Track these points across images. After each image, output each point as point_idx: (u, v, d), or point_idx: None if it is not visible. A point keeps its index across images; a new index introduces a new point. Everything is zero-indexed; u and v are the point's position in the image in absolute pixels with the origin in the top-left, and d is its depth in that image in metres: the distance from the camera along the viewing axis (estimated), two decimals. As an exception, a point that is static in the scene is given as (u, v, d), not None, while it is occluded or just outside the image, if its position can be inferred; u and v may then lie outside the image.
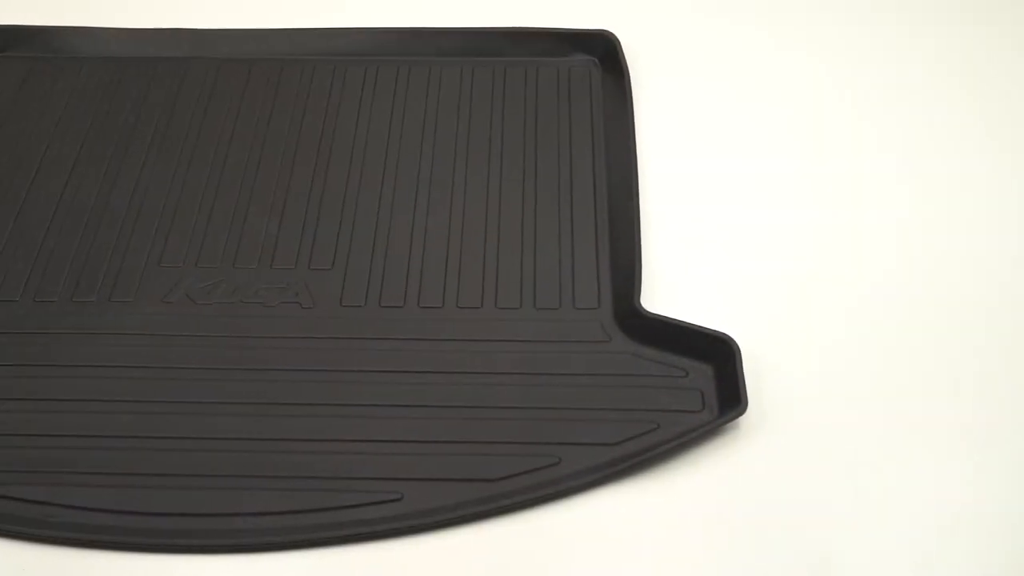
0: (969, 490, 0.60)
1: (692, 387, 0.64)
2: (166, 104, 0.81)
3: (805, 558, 0.57)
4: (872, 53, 0.87)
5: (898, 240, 0.73)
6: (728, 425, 0.62)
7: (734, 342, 0.64)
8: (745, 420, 0.62)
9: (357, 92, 0.82)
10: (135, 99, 0.81)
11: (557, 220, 0.73)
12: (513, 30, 0.85)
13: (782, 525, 0.59)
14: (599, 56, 0.84)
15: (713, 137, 0.79)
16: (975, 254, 0.72)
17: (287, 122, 0.80)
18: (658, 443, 0.61)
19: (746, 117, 0.81)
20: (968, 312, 0.68)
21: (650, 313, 0.66)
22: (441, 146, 0.78)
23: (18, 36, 0.85)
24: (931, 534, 0.58)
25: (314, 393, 0.64)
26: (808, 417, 0.63)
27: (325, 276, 0.70)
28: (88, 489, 0.60)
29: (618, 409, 0.63)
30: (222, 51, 0.85)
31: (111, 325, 0.67)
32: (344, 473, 0.60)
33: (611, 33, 0.83)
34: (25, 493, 0.59)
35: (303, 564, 0.58)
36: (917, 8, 0.90)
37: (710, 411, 0.63)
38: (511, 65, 0.84)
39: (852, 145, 0.79)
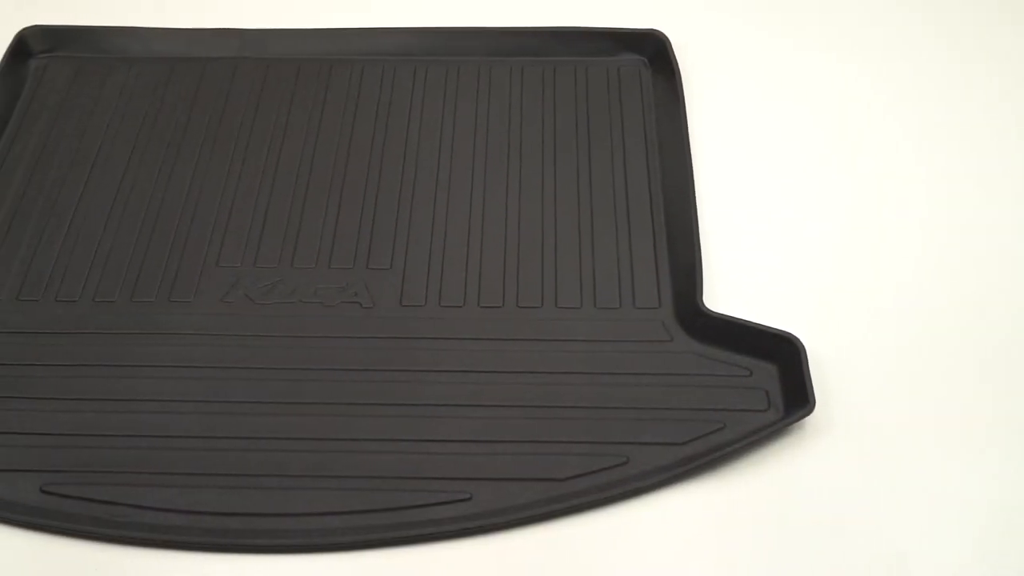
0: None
1: (756, 386, 0.64)
2: (216, 104, 0.81)
3: (882, 558, 0.57)
4: (933, 52, 0.86)
5: (963, 240, 0.72)
6: (793, 424, 0.62)
7: (799, 341, 0.64)
8: (810, 419, 0.62)
9: (407, 92, 0.82)
10: (185, 99, 0.81)
11: (613, 219, 0.73)
12: (561, 29, 0.85)
13: (855, 524, 0.59)
14: (648, 56, 0.84)
15: (766, 136, 0.79)
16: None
17: (338, 122, 0.79)
18: (726, 443, 0.61)
19: (799, 116, 0.81)
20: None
21: (714, 312, 0.66)
22: (493, 145, 0.78)
23: (66, 36, 0.85)
24: (1004, 532, 0.58)
25: (380, 393, 0.64)
26: (873, 415, 0.63)
27: (384, 276, 0.70)
28: (157, 489, 0.60)
29: (683, 408, 0.63)
30: (270, 51, 0.85)
31: (171, 325, 0.67)
32: (413, 473, 0.60)
33: (661, 32, 0.83)
34: (94, 493, 0.59)
35: (372, 564, 0.58)
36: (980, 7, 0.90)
37: (775, 410, 0.63)
38: (560, 65, 0.83)
39: (915, 144, 0.79)
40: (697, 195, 0.73)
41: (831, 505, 0.60)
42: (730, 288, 0.69)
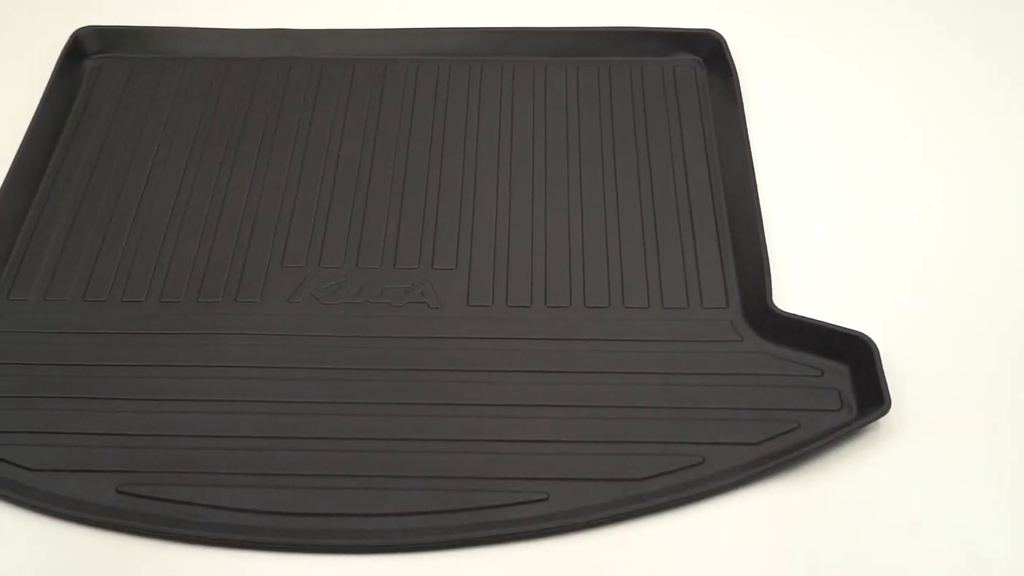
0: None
1: (828, 386, 0.64)
2: (272, 104, 0.81)
3: (960, 559, 0.57)
4: (996, 50, 0.86)
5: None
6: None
7: (871, 341, 0.63)
8: (884, 419, 0.62)
9: (463, 91, 0.81)
10: (241, 99, 0.81)
11: (676, 219, 0.73)
12: (616, 29, 0.84)
13: (932, 525, 0.59)
14: (703, 56, 0.83)
15: (825, 135, 0.79)
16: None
17: (396, 121, 0.79)
18: (801, 443, 0.61)
19: (857, 114, 0.81)
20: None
21: (785, 312, 0.66)
22: (552, 144, 0.78)
23: (120, 37, 0.85)
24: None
25: (452, 393, 0.63)
26: (947, 415, 0.63)
27: (449, 276, 0.70)
28: (233, 490, 0.60)
29: (756, 408, 0.63)
30: (324, 51, 0.85)
31: (239, 325, 0.67)
32: (489, 473, 0.60)
33: (717, 33, 0.83)
34: (171, 494, 0.60)
35: (450, 564, 0.58)
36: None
37: (848, 410, 0.63)
38: (615, 64, 0.83)
39: (983, 142, 0.79)
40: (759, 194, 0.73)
41: (908, 505, 0.60)
42: (797, 288, 0.69)
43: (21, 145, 0.76)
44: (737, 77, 0.80)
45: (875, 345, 0.63)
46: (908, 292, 0.69)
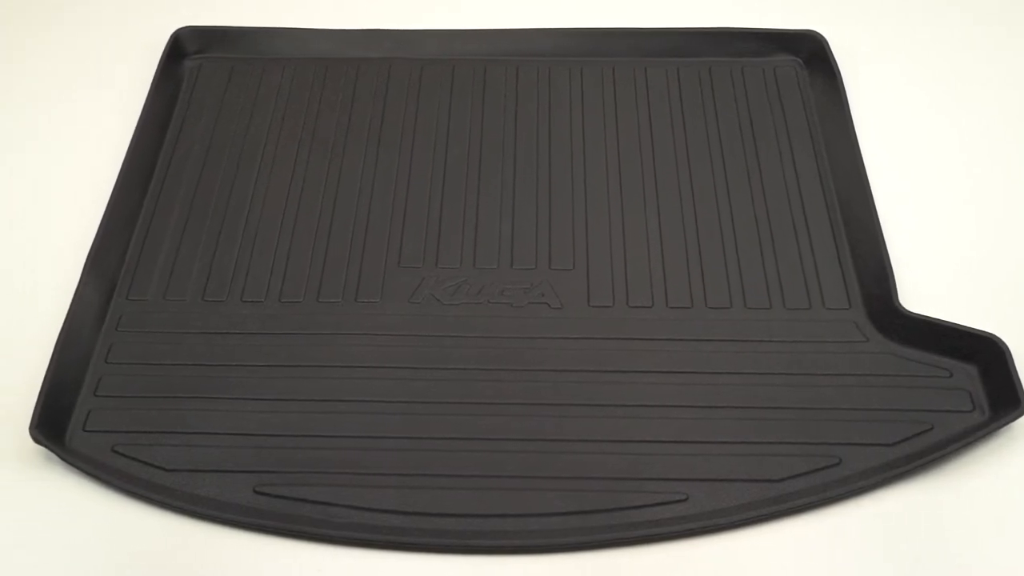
0: None
1: (958, 387, 0.64)
2: (375, 104, 0.81)
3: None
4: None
5: None
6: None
7: (1002, 342, 0.63)
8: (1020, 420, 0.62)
9: (565, 92, 0.81)
10: (343, 99, 0.81)
11: (791, 220, 0.73)
12: (716, 30, 0.84)
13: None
14: (804, 56, 0.83)
15: (934, 132, 0.79)
16: None
17: (500, 122, 0.79)
18: (937, 444, 0.61)
19: (966, 114, 0.80)
20: None
21: (913, 313, 0.66)
22: (659, 144, 0.78)
23: (218, 37, 0.85)
24: None
25: (583, 394, 0.63)
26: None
27: (568, 276, 0.70)
28: (370, 490, 0.60)
29: (888, 409, 0.63)
30: (423, 51, 0.85)
31: (362, 326, 0.67)
32: (626, 473, 0.60)
33: (819, 33, 0.83)
34: (309, 494, 0.60)
35: (592, 565, 0.58)
36: None
37: (980, 411, 0.63)
38: (715, 65, 0.83)
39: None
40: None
41: (1047, 506, 0.59)
42: (917, 287, 0.69)
43: (130, 145, 0.76)
44: (841, 78, 0.80)
45: (1006, 346, 0.63)
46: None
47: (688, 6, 0.89)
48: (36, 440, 0.60)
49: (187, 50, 0.84)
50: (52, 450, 0.60)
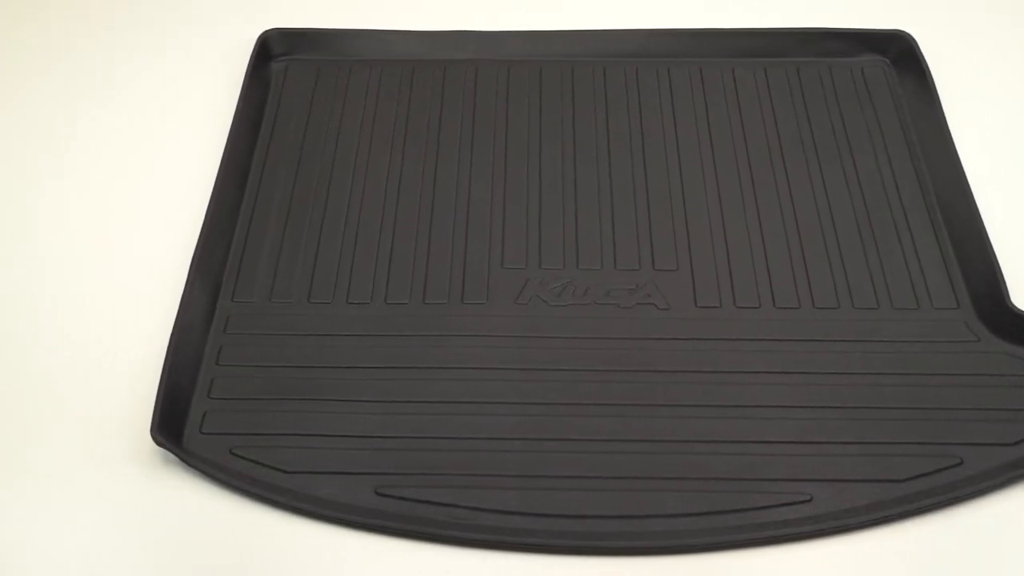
0: None
1: (1075, 387, 0.64)
2: (465, 105, 0.81)
3: None
4: None
5: None
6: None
7: (1119, 341, 0.63)
8: None
9: (654, 92, 0.81)
10: (433, 101, 0.81)
11: (891, 220, 0.72)
12: (803, 30, 0.84)
13: None
14: (891, 56, 0.83)
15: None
16: None
17: (591, 123, 0.79)
18: (1058, 443, 0.61)
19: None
20: None
21: (1025, 312, 0.66)
22: (753, 144, 0.77)
23: (304, 39, 0.85)
24: None
25: (697, 395, 0.63)
26: None
27: (673, 277, 0.70)
28: (493, 491, 0.60)
29: (1005, 409, 0.63)
30: (509, 52, 0.84)
31: (471, 327, 0.67)
32: (748, 474, 0.60)
33: (907, 33, 0.83)
34: (432, 496, 0.59)
35: (718, 566, 0.58)
36: None
37: (1099, 411, 0.63)
38: (803, 65, 0.83)
39: None
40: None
41: None
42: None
43: (226, 147, 0.76)
44: (932, 78, 0.80)
45: (1125, 346, 0.63)
46: None
47: (771, 6, 0.89)
48: (158, 443, 0.60)
49: (273, 52, 0.84)
50: (174, 452, 0.60)
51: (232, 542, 0.59)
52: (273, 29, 0.84)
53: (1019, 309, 0.66)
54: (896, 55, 0.83)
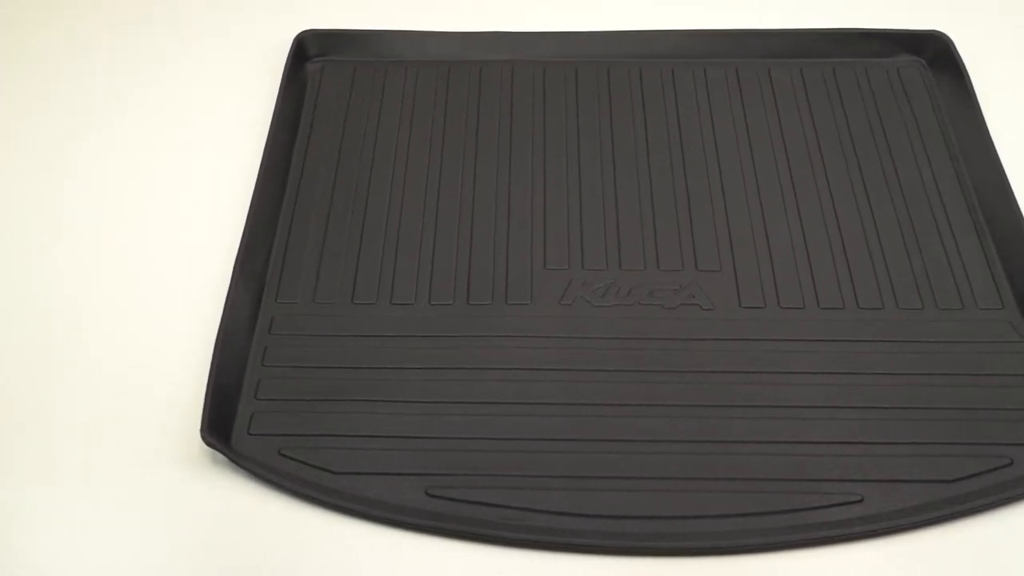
0: None
1: (1123, 387, 0.64)
2: (502, 106, 0.81)
3: None
4: None
5: None
6: None
7: None
8: None
9: (691, 92, 0.81)
10: (470, 102, 0.81)
11: (932, 220, 0.72)
12: (838, 31, 0.84)
13: None
14: (927, 57, 0.83)
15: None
16: None
17: (628, 122, 0.79)
18: (1109, 444, 0.61)
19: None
20: None
21: (1072, 313, 0.66)
22: (791, 144, 0.77)
23: (339, 40, 0.85)
24: None
25: (744, 395, 0.63)
26: None
27: (716, 278, 0.70)
28: (543, 492, 0.60)
29: (1054, 409, 0.63)
30: (544, 53, 0.84)
31: (516, 328, 0.67)
32: (798, 475, 0.60)
33: (943, 33, 0.83)
34: (482, 497, 0.59)
35: (770, 566, 0.58)
36: None
37: None
38: (838, 66, 0.83)
39: None
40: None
41: None
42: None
43: (265, 148, 0.76)
44: (970, 78, 0.80)
45: None
46: None
47: (805, 6, 0.89)
48: (208, 443, 0.60)
49: (309, 53, 0.84)
50: (224, 453, 0.60)
51: (284, 543, 0.59)
52: (309, 30, 0.84)
53: (1065, 309, 0.66)
54: (932, 56, 0.83)
